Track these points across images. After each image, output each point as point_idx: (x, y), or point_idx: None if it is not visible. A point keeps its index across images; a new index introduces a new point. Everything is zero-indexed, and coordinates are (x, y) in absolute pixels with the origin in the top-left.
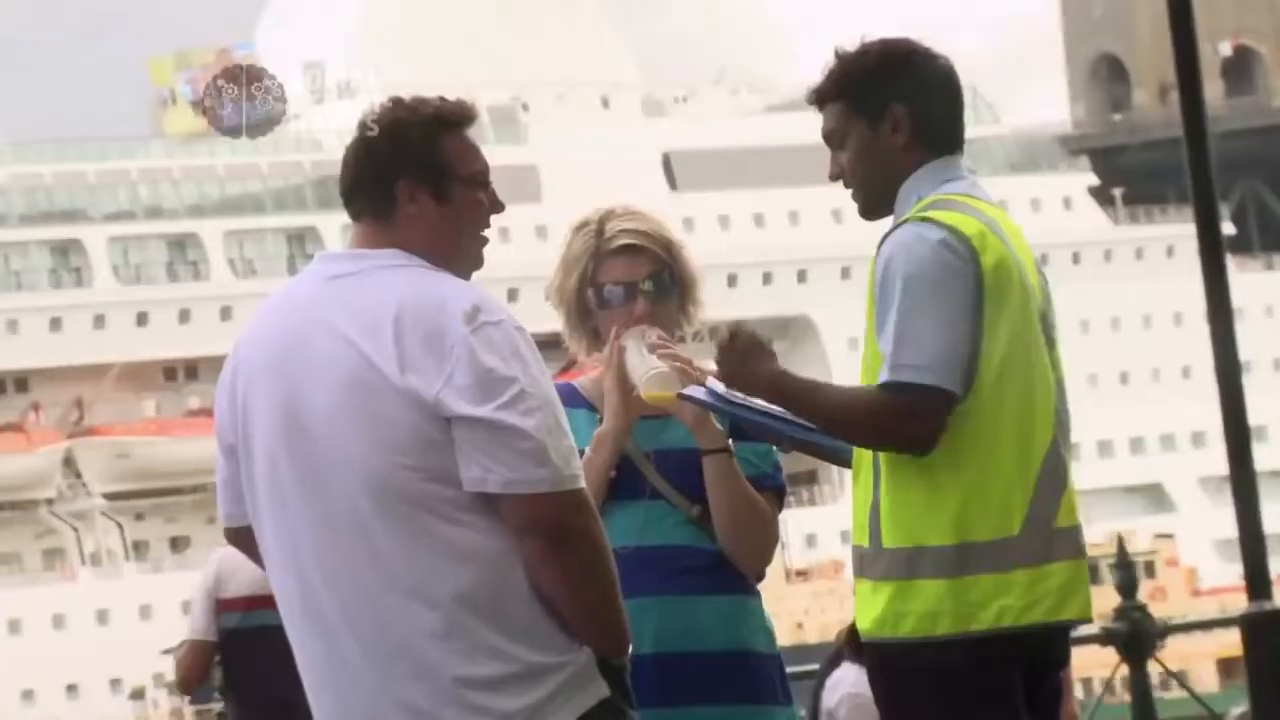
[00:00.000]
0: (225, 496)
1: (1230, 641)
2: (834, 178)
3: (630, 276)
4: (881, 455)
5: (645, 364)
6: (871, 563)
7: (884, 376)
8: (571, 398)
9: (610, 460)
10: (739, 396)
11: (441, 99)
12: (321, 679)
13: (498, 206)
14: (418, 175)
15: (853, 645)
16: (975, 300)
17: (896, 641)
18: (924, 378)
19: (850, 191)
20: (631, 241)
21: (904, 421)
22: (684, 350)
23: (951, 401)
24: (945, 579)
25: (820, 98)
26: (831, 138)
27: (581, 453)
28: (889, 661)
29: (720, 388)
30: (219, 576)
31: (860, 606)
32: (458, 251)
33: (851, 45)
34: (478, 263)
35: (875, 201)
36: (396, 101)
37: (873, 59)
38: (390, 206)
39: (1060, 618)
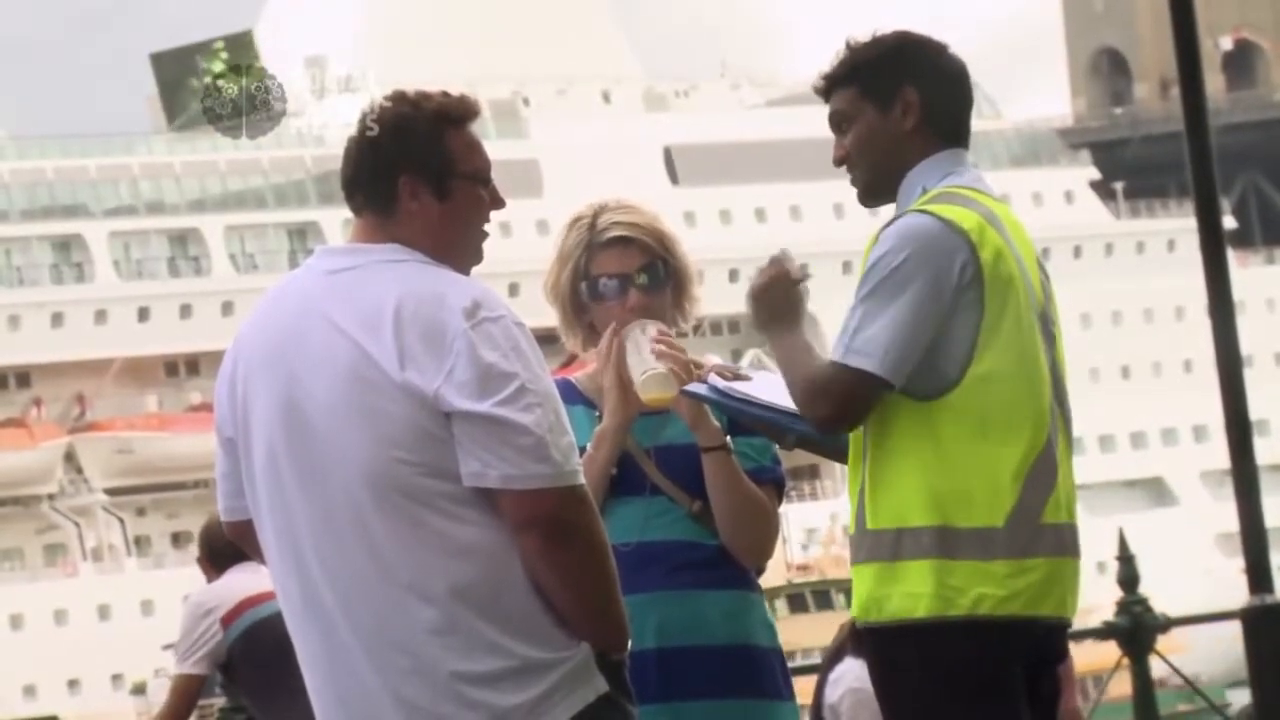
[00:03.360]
0: (224, 490)
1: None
2: (838, 162)
3: (623, 268)
4: (870, 440)
5: (642, 364)
6: (858, 546)
7: (833, 355)
8: (569, 394)
9: (611, 457)
10: (738, 392)
11: (444, 94)
12: (320, 672)
13: (498, 203)
14: (420, 172)
15: (855, 639)
16: (974, 295)
17: (882, 625)
18: (873, 366)
19: (852, 176)
20: (624, 234)
21: (811, 395)
22: (682, 346)
23: (873, 385)
24: (926, 560)
25: (831, 83)
26: (839, 121)
27: (581, 449)
28: (878, 646)
29: (720, 384)
30: (210, 607)
31: (854, 591)
32: (458, 247)
33: (863, 35)
34: (478, 258)
35: (877, 186)
36: (399, 97)
37: (887, 44)
38: (392, 202)
39: (1038, 612)
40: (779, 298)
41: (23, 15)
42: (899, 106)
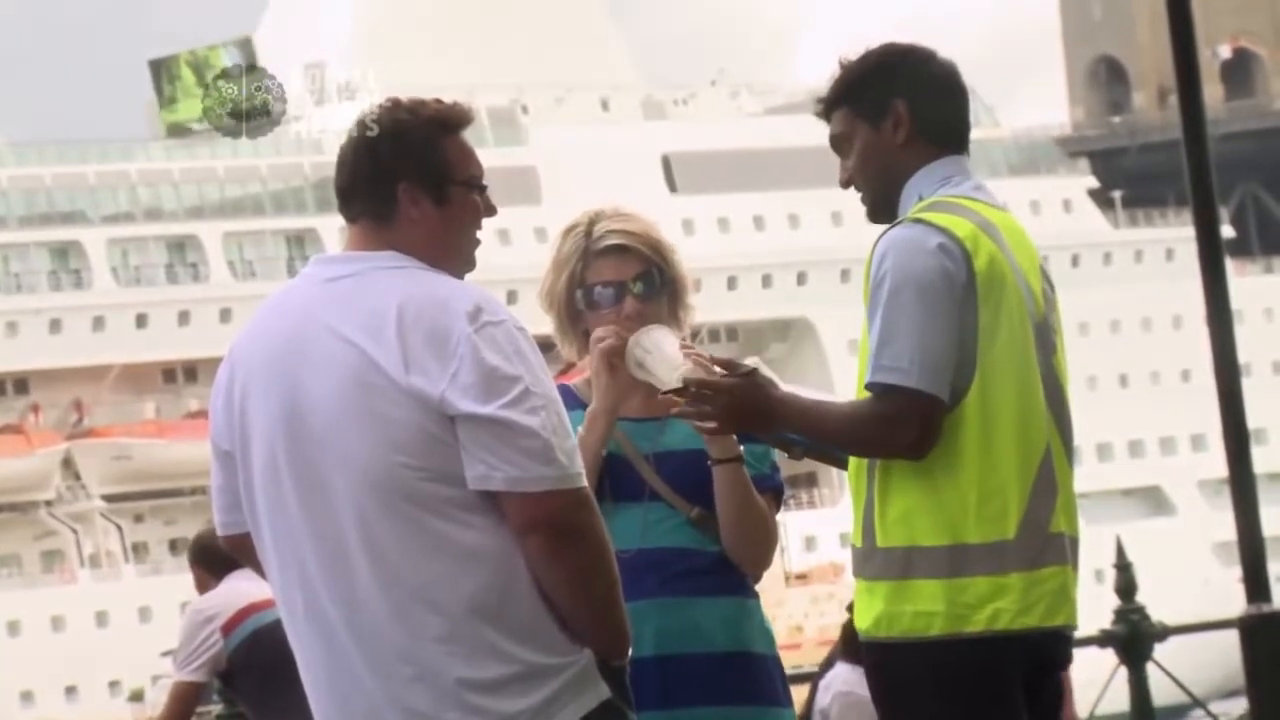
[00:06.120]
0: (221, 504)
1: None
2: (845, 184)
3: (619, 276)
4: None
5: (672, 362)
6: (866, 562)
7: (867, 378)
8: (567, 399)
9: (604, 438)
10: None
11: (439, 101)
12: (322, 682)
13: (491, 210)
14: (419, 178)
15: (846, 645)
16: (968, 303)
17: (892, 641)
18: (903, 380)
19: (860, 196)
20: (620, 242)
21: (885, 427)
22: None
23: (936, 406)
24: (939, 579)
25: (826, 107)
26: (838, 144)
27: None
28: (885, 661)
29: None
30: (210, 615)
31: (858, 606)
32: (453, 254)
33: (853, 53)
34: (471, 265)
35: (881, 202)
36: (395, 103)
37: (872, 59)
38: (390, 209)
39: (1054, 623)
40: (743, 400)
41: (21, 21)
42: (890, 121)
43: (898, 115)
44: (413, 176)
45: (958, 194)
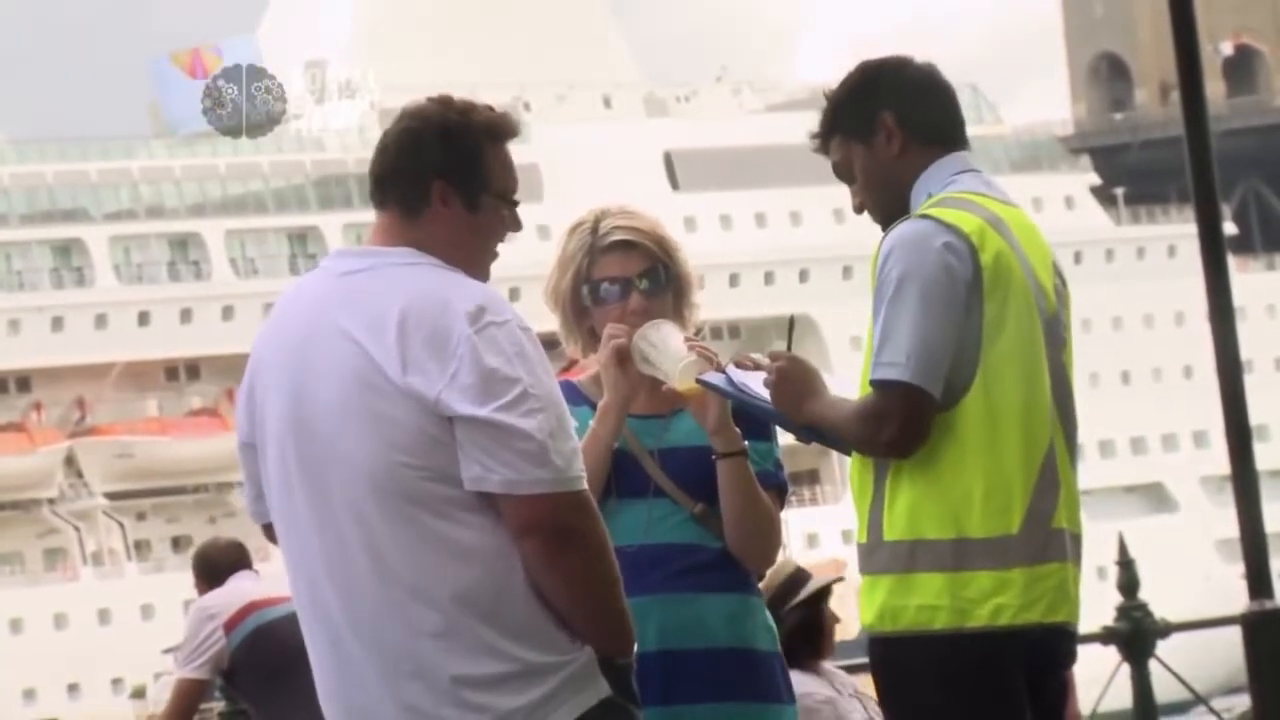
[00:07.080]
0: (250, 495)
1: None
2: (858, 210)
3: (625, 272)
4: None
5: (675, 355)
6: (871, 556)
7: (869, 376)
8: (572, 396)
9: (615, 432)
10: (752, 391)
11: (489, 108)
12: (328, 675)
13: (517, 225)
14: (456, 179)
15: (795, 652)
16: (974, 299)
17: (895, 635)
18: (899, 374)
19: (873, 218)
20: (626, 238)
21: (872, 424)
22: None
23: (925, 401)
24: (942, 573)
25: (821, 141)
26: (841, 172)
27: None
28: (889, 655)
29: (738, 376)
30: (213, 613)
31: (862, 601)
32: (471, 261)
33: (833, 83)
34: (485, 277)
35: (892, 217)
36: (448, 102)
37: (851, 82)
38: (421, 203)
39: (1055, 619)
40: (795, 377)
41: (21, 21)
42: (881, 135)
43: (887, 127)
44: (450, 176)
45: (968, 190)
